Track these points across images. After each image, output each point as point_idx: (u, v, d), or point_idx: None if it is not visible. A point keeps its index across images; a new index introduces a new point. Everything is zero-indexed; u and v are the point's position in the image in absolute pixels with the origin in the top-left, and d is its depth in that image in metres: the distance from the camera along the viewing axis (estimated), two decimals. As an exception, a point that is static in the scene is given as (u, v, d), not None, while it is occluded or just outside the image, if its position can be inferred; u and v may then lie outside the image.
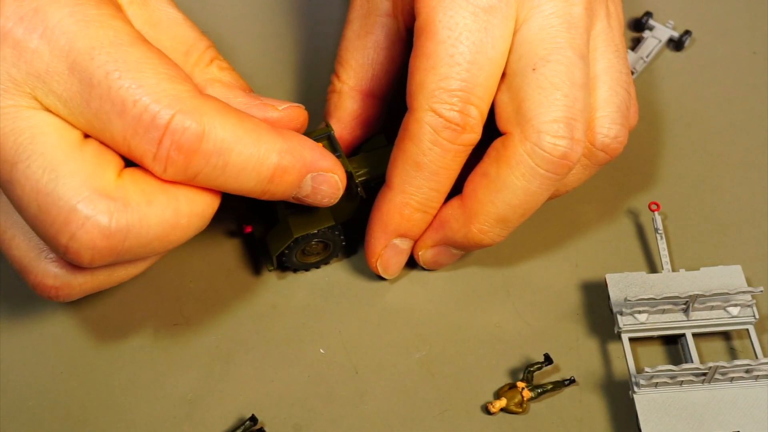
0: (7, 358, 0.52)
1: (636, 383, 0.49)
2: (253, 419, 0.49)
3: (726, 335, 0.53)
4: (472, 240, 0.51)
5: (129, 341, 0.52)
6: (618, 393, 0.51)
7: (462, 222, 0.50)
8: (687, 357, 0.51)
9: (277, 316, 0.53)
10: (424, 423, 0.50)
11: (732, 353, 0.52)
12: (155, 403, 0.50)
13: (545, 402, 0.50)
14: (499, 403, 0.50)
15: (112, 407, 0.50)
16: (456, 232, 0.51)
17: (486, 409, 0.50)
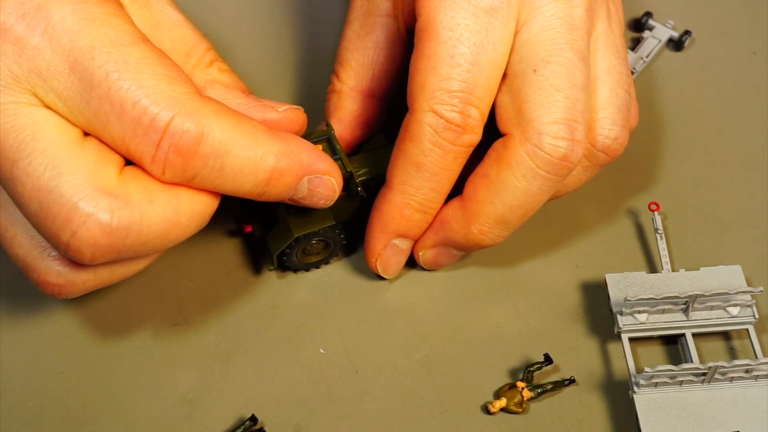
0: (7, 357, 0.52)
1: (636, 383, 0.49)
2: (253, 419, 0.49)
3: (726, 335, 0.53)
4: (472, 241, 0.51)
5: (129, 341, 0.52)
6: (618, 393, 0.51)
7: (462, 223, 0.50)
8: (687, 357, 0.51)
9: (277, 315, 0.53)
10: (424, 423, 0.50)
11: (732, 353, 0.52)
12: (155, 403, 0.50)
13: (545, 402, 0.50)
14: (499, 403, 0.50)
15: (112, 407, 0.50)
16: (456, 232, 0.51)
17: (486, 409, 0.50)
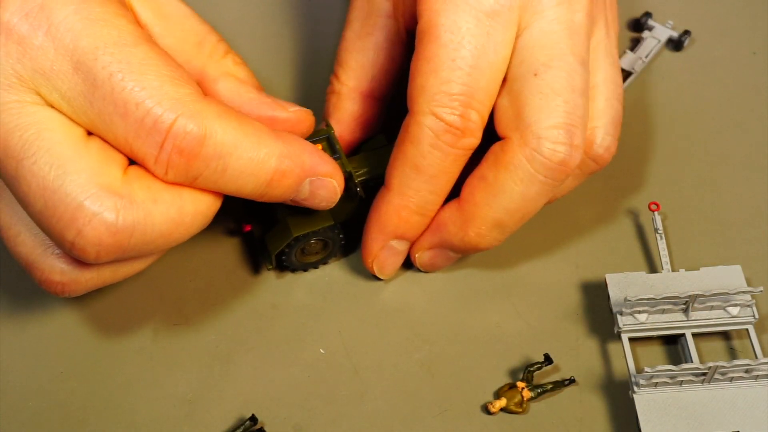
0: (7, 357, 0.52)
1: (636, 383, 0.49)
2: (253, 419, 0.49)
3: (726, 335, 0.53)
4: (469, 243, 0.51)
5: (129, 341, 0.52)
6: (618, 393, 0.51)
7: (459, 225, 0.50)
8: (687, 357, 0.51)
9: (277, 315, 0.53)
10: (424, 423, 0.50)
11: (732, 353, 0.52)
12: (155, 403, 0.50)
13: (545, 402, 0.50)
14: (499, 403, 0.50)
15: (112, 407, 0.50)
16: (453, 235, 0.51)
17: (486, 409, 0.50)
